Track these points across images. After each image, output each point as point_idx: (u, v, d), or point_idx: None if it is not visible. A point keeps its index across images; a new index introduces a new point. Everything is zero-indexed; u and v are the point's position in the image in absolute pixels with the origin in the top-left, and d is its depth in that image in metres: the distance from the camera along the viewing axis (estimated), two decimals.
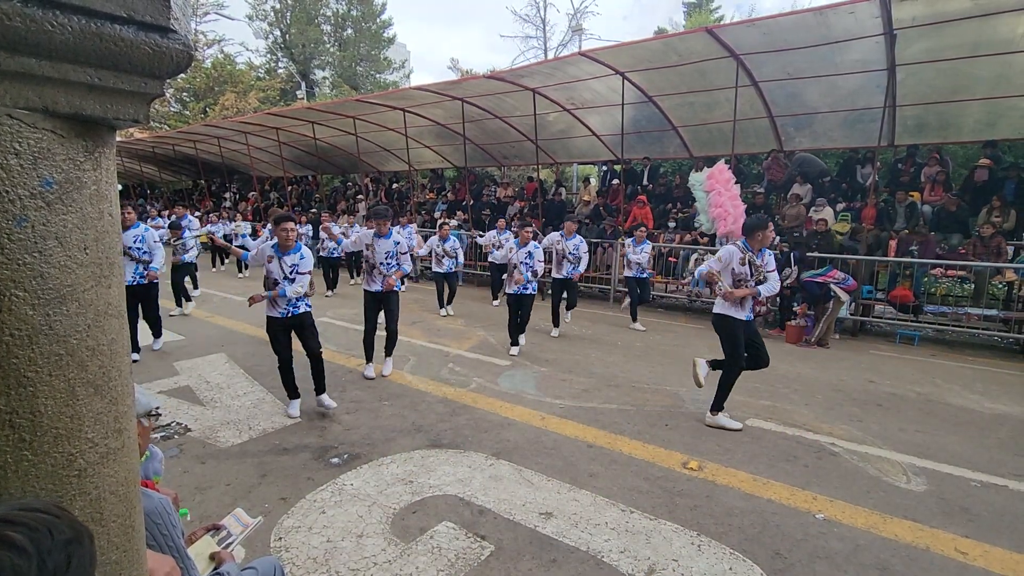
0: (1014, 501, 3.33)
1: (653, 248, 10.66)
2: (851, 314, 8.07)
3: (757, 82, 9.43)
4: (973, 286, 7.64)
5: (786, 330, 7.70)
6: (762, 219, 4.37)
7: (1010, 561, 2.73)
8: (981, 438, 4.28)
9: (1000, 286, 7.72)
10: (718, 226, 8.58)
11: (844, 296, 7.28)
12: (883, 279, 8.45)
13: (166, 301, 7.32)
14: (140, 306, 5.93)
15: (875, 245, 8.41)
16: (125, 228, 5.83)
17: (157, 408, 1.78)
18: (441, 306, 8.87)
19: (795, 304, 7.94)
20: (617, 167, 12.52)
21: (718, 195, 8.46)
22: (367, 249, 5.45)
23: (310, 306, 4.53)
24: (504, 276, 8.52)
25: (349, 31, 35.23)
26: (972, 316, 7.50)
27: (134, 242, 5.86)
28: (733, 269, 4.32)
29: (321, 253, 10.49)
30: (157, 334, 6.25)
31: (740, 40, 8.42)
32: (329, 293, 10.33)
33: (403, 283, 7.47)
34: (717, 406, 4.39)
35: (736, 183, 8.91)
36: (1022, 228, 8.35)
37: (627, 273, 8.31)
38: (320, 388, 4.58)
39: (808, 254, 7.94)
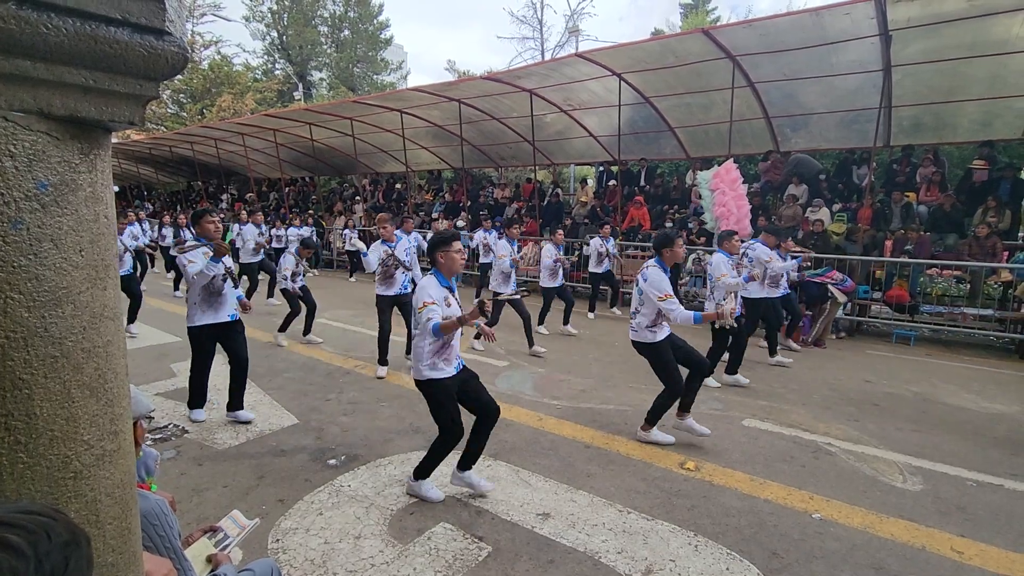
0: (1010, 500, 3.34)
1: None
2: (847, 314, 8.10)
3: (753, 83, 9.45)
4: (969, 286, 7.67)
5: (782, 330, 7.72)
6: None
7: (1006, 560, 2.74)
8: (977, 437, 4.30)
9: (995, 286, 7.75)
10: (720, 225, 8.59)
11: (841, 297, 7.30)
12: (880, 279, 8.48)
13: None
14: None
15: (871, 245, 8.45)
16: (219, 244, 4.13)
17: (151, 411, 1.77)
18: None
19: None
20: (614, 168, 12.54)
21: (722, 194, 8.45)
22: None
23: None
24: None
25: (346, 32, 35.22)
26: (968, 316, 7.52)
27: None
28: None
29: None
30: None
31: (736, 41, 8.44)
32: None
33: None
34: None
35: (743, 183, 8.91)
36: (1017, 228, 8.39)
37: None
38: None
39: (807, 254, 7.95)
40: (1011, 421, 4.69)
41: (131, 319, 7.02)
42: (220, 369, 5.68)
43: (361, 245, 6.04)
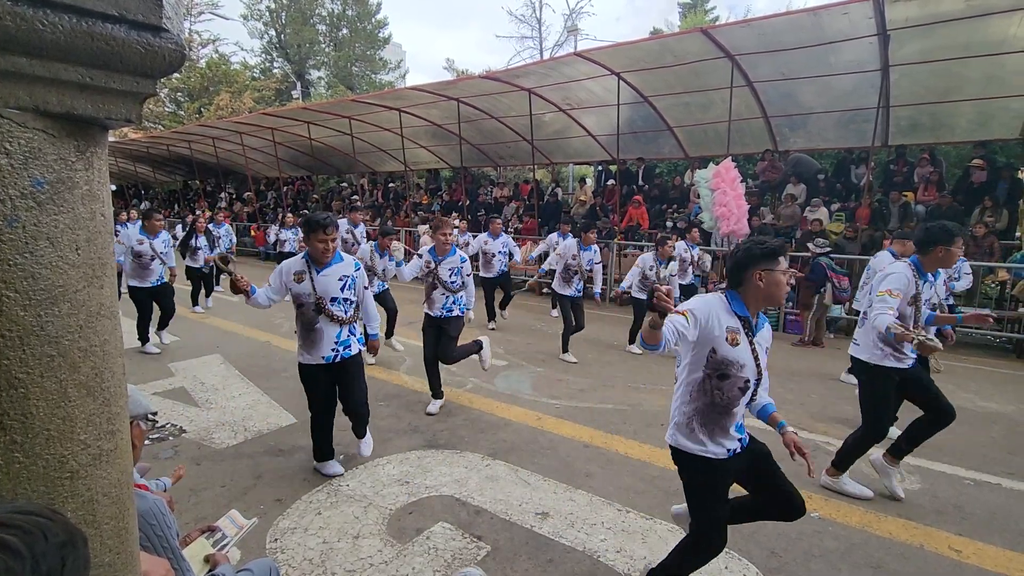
0: (1007, 499, 3.35)
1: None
2: (846, 313, 8.12)
3: (752, 82, 9.46)
4: None
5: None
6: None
7: (1003, 559, 2.75)
8: (974, 436, 4.31)
9: (993, 285, 7.77)
10: (720, 225, 8.58)
11: (829, 299, 7.39)
12: None
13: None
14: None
15: (869, 245, 8.47)
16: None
17: (155, 413, 1.76)
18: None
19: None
20: (613, 167, 12.54)
21: (723, 194, 8.42)
22: None
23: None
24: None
25: (344, 31, 35.16)
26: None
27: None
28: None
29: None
30: None
31: (735, 41, 8.45)
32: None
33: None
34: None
35: (741, 182, 8.93)
36: (1014, 228, 8.42)
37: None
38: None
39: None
40: (1008, 420, 4.70)
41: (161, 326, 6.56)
42: (218, 368, 5.67)
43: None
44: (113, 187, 23.80)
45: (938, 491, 3.42)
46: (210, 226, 9.31)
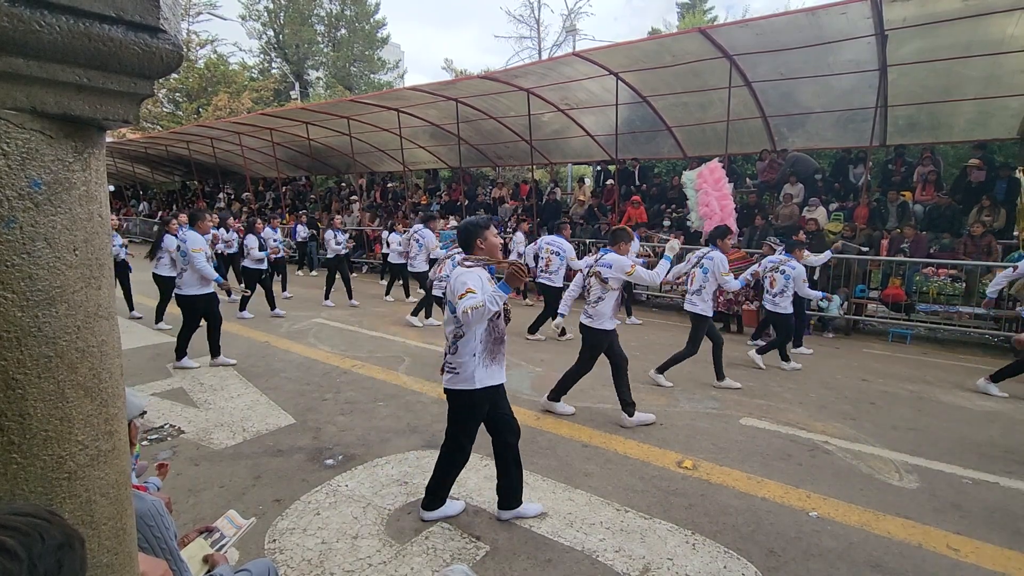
0: (1005, 498, 3.36)
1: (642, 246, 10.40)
2: (844, 313, 8.14)
3: (750, 82, 9.48)
4: (964, 285, 7.71)
5: (743, 314, 8.14)
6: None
7: (1001, 557, 2.75)
8: (973, 435, 4.32)
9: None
10: (705, 225, 8.73)
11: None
12: (876, 278, 8.51)
13: None
14: None
15: (867, 244, 8.48)
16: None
17: (143, 409, 1.77)
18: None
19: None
20: (612, 167, 12.56)
21: (706, 194, 8.61)
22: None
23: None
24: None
25: (343, 31, 35.12)
26: (963, 314, 7.56)
27: None
28: None
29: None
30: None
31: (733, 40, 8.46)
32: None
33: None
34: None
35: (729, 182, 8.98)
36: (1012, 227, 8.44)
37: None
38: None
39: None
40: (1006, 419, 4.71)
41: (214, 349, 5.85)
42: (216, 369, 5.66)
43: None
44: (111, 188, 23.80)
45: (937, 490, 3.42)
46: (268, 228, 9.85)
